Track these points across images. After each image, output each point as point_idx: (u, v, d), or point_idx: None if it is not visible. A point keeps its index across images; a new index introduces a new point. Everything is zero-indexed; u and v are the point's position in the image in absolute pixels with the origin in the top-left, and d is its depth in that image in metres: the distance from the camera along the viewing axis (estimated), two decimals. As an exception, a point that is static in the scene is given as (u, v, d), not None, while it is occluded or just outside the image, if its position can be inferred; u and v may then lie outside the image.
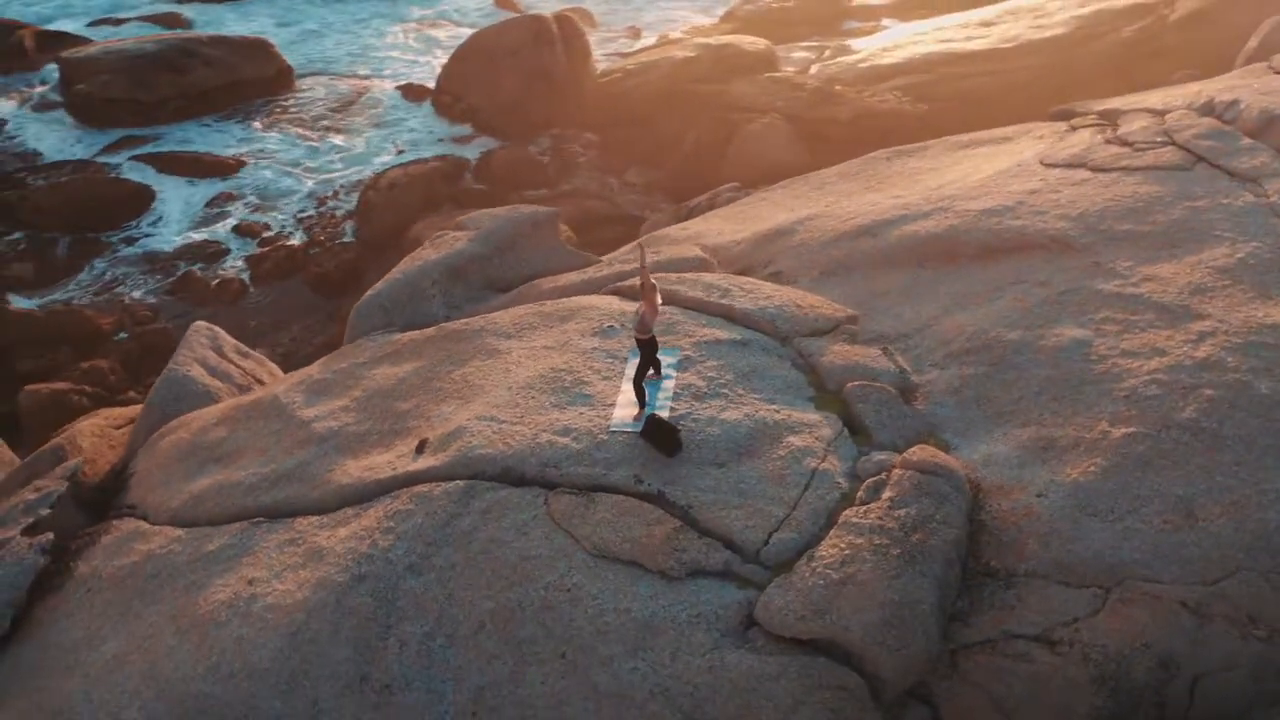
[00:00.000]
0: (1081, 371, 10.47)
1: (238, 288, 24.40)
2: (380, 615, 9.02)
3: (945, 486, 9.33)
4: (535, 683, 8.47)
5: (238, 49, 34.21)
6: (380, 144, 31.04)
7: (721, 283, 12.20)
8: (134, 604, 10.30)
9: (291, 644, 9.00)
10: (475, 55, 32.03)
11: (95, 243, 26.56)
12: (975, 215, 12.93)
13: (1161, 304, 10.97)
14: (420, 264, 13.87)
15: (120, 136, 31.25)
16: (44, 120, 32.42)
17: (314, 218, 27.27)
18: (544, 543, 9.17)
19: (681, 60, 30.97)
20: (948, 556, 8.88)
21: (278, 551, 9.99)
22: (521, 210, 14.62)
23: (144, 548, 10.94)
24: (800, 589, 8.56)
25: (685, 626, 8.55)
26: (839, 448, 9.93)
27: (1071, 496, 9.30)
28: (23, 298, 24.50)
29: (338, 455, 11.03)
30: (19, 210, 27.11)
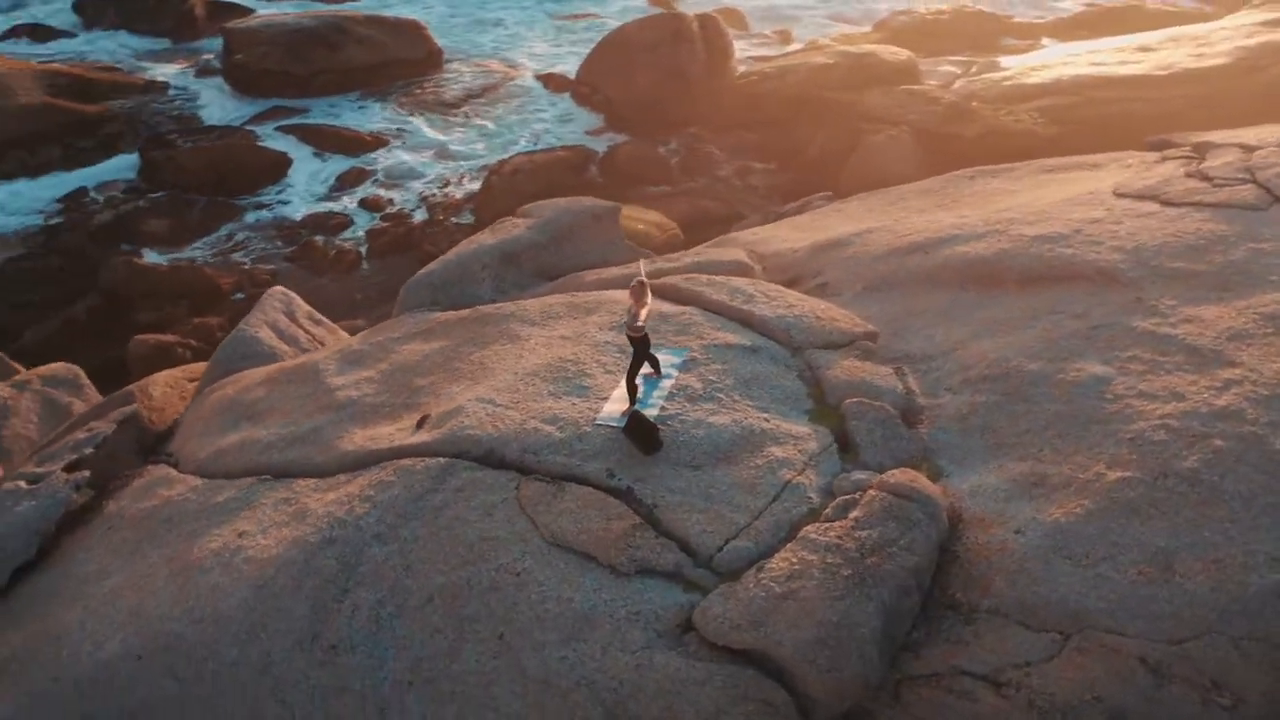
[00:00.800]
0: (1093, 409, 10.09)
1: (353, 259, 25.39)
2: (340, 578, 9.36)
3: (918, 513, 9.15)
4: (470, 660, 8.67)
5: (391, 29, 35.53)
6: (515, 131, 31.81)
7: (748, 288, 12.17)
8: (143, 545, 10.92)
9: (257, 596, 9.43)
10: (614, 49, 32.52)
11: (229, 206, 28.01)
12: (1028, 240, 12.56)
13: (1194, 347, 10.47)
14: (475, 247, 14.26)
15: (270, 106, 32.88)
16: (204, 86, 34.35)
17: (437, 198, 28.13)
18: (505, 526, 9.37)
19: (819, 66, 30.82)
20: (903, 584, 8.71)
21: (272, 509, 10.45)
22: (583, 202, 14.86)
23: (165, 493, 11.58)
24: (741, 599, 8.53)
25: (622, 622, 8.62)
26: (821, 463, 9.84)
27: (1049, 536, 9.00)
28: (155, 252, 26.02)
29: (350, 423, 11.46)
30: (164, 170, 28.79)
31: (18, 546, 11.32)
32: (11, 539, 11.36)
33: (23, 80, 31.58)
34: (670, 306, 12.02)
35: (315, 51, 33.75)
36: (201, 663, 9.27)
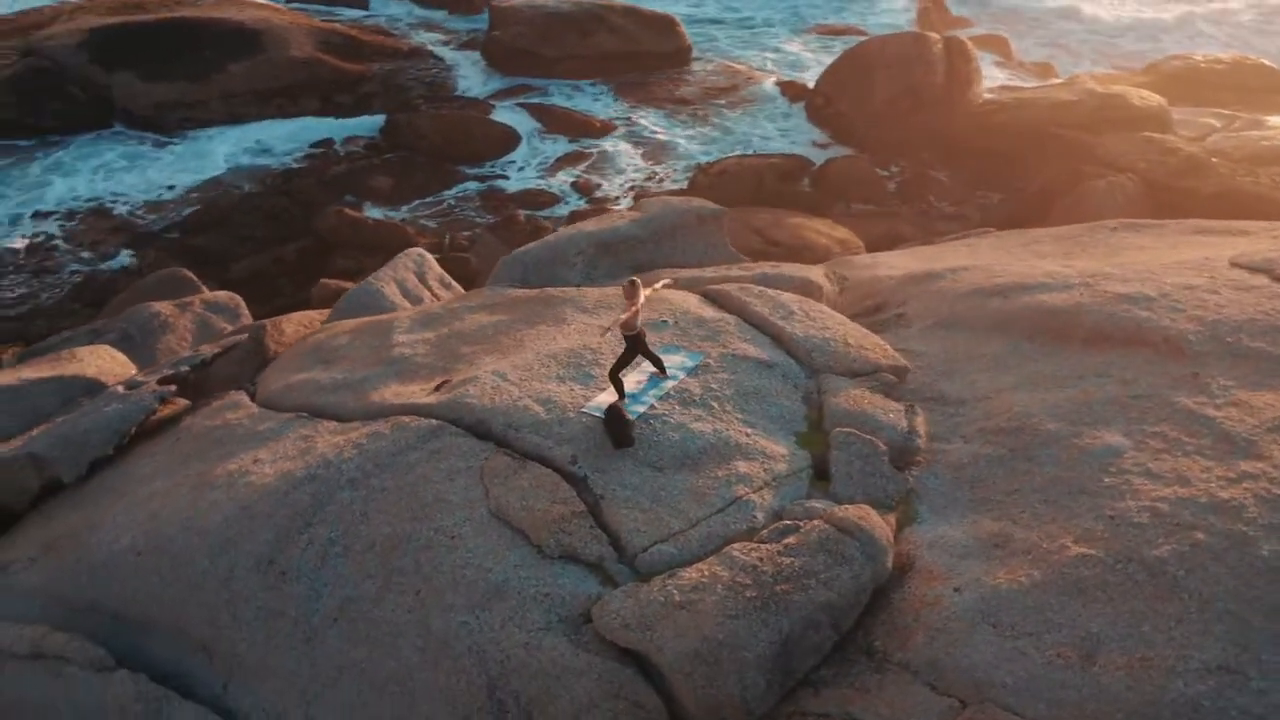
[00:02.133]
0: (1089, 480, 9.56)
1: (547, 236, 26.45)
2: (308, 513, 10.10)
3: (855, 551, 9.00)
4: (388, 608, 9.22)
5: (645, 21, 36.59)
6: (740, 133, 32.17)
7: (792, 305, 12.12)
8: (190, 459, 12.07)
9: (238, 517, 10.31)
10: (854, 63, 32.31)
11: (453, 172, 29.75)
12: (1110, 298, 11.88)
13: (1228, 433, 9.71)
14: (573, 233, 14.78)
15: (516, 84, 34.64)
16: (462, 58, 36.51)
17: (642, 188, 28.87)
18: (461, 492, 9.85)
19: (1060, 102, 29.56)
20: (811, 618, 8.61)
21: (290, 443, 11.34)
22: (691, 202, 15.08)
23: (229, 417, 12.72)
24: (640, 599, 8.68)
25: (529, 601, 8.93)
26: (783, 485, 9.79)
27: (984, 601, 8.66)
28: (374, 207, 28.03)
29: (391, 378, 12.22)
30: (403, 132, 30.90)
31: (98, 442, 12.68)
32: (95, 434, 12.73)
33: (299, 35, 34.60)
34: (712, 312, 12.13)
35: (567, 35, 35.23)
36: (181, 566, 10.22)
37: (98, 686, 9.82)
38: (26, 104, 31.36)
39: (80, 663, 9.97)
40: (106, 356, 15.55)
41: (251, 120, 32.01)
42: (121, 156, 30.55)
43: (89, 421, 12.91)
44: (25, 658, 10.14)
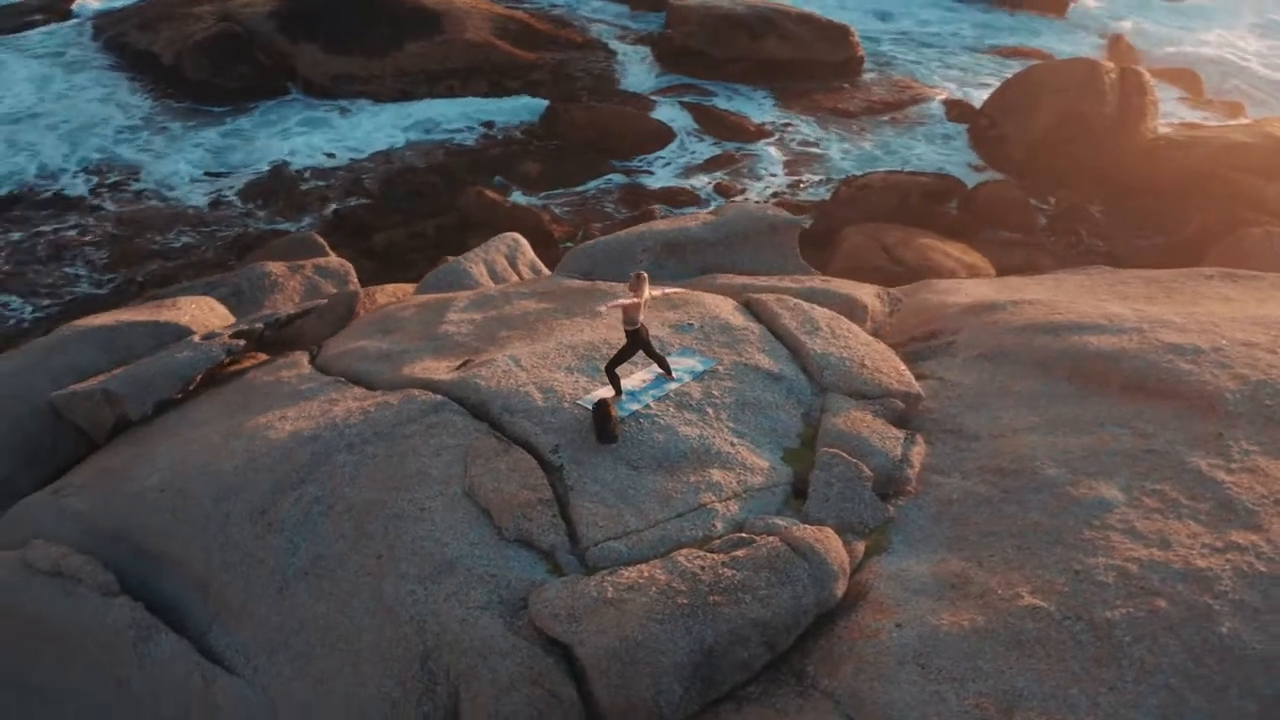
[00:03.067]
0: (1070, 531, 9.19)
1: (678, 236, 26.62)
2: (304, 470, 10.59)
3: (802, 573, 8.91)
4: (351, 569, 9.63)
5: (818, 29, 36.30)
6: (895, 149, 31.61)
7: (820, 321, 11.97)
8: (237, 410, 12.76)
9: (245, 466, 10.89)
10: (1022, 87, 31.28)
11: (601, 164, 30.25)
12: (1158, 348, 11.31)
13: (1230, 500, 9.17)
14: (643, 230, 14.95)
15: (680, 82, 34.91)
16: (633, 53, 37.00)
17: (785, 197, 28.73)
18: (443, 468, 10.17)
19: (1235, 144, 27.94)
20: (740, 633, 8.57)
21: (318, 404, 11.88)
22: (766, 210, 15.02)
23: (283, 374, 13.39)
24: (575, 592, 8.82)
25: (475, 579, 9.19)
26: (752, 499, 9.75)
27: (921, 640, 8.46)
28: (519, 191, 28.78)
29: (428, 354, 12.64)
30: (560, 121, 31.61)
31: (165, 385, 13.52)
32: (163, 378, 13.58)
33: (477, 19, 35.72)
34: (742, 320, 12.09)
35: (737, 38, 35.27)
36: (190, 507, 10.86)
37: (100, 609, 10.49)
38: (217, 66, 33.37)
39: (89, 585, 10.66)
40: (205, 308, 16.48)
41: (420, 98, 33.22)
42: (298, 124, 32.18)
43: (160, 365, 13.76)
44: (46, 574, 10.91)
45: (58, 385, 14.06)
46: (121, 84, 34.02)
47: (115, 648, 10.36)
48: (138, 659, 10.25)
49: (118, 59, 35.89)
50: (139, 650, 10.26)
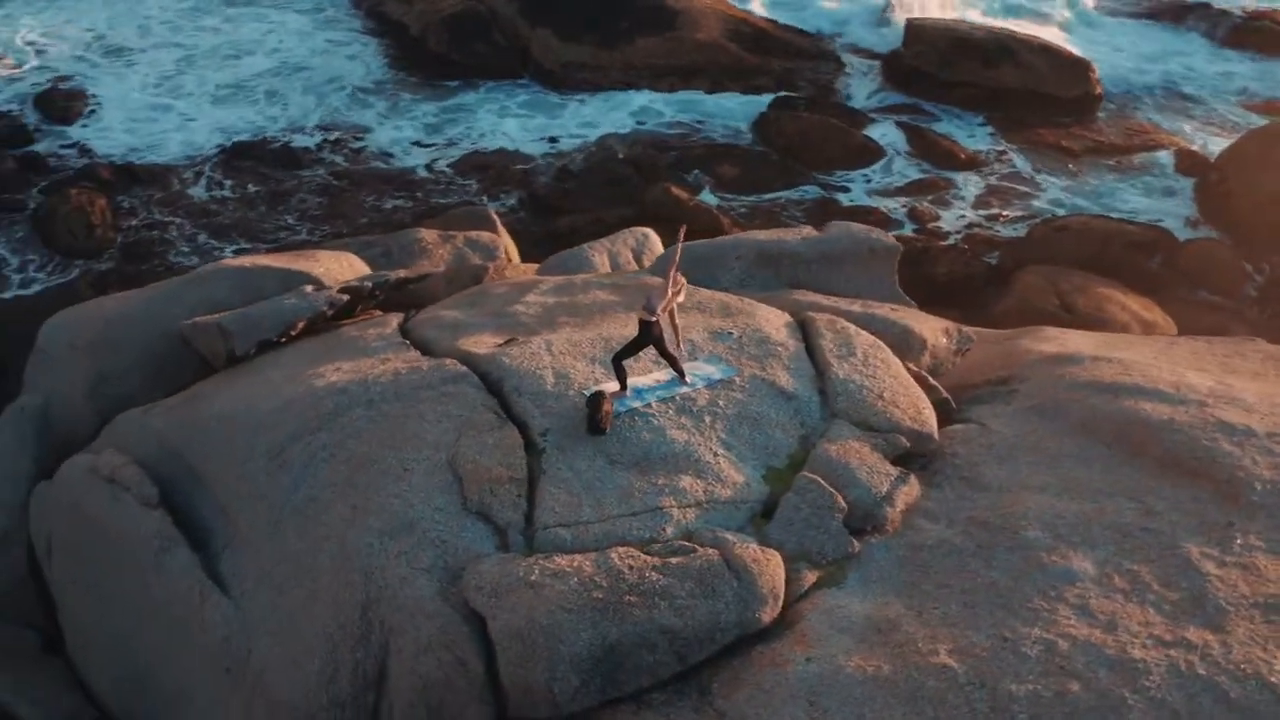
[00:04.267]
0: (1020, 597, 8.79)
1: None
2: (325, 418, 11.25)
3: (727, 591, 8.89)
4: (330, 515, 10.24)
5: (1057, 62, 34.74)
6: (1112, 194, 29.96)
7: (859, 347, 11.72)
8: (316, 358, 13.45)
9: (280, 407, 11.68)
10: (1260, 141, 29.04)
11: (799, 175, 30.11)
12: (1209, 424, 10.52)
13: (1205, 594, 8.51)
14: (739, 238, 14.95)
15: (902, 102, 34.22)
16: (866, 68, 36.54)
17: (979, 230, 27.82)
18: (438, 434, 10.61)
19: None
20: (647, 637, 8.64)
21: (371, 361, 12.48)
22: (869, 233, 14.68)
23: (368, 332, 14.05)
24: (505, 570, 9.10)
25: (427, 542, 9.60)
26: (714, 511, 9.74)
27: (821, 680, 8.33)
28: (709, 191, 29.07)
29: (489, 330, 13.03)
30: (769, 126, 31.69)
31: (268, 327, 14.50)
32: (268, 321, 14.55)
33: (711, 19, 36.09)
34: (783, 336, 11.96)
35: (968, 62, 34.19)
36: (231, 437, 11.78)
37: (138, 518, 11.52)
38: (457, 42, 35.08)
39: (134, 494, 11.70)
40: (344, 263, 17.47)
41: (642, 90, 33.89)
42: (519, 105, 33.44)
43: (268, 309, 14.76)
44: (104, 480, 11.97)
45: (190, 316, 15.20)
46: (369, 50, 36.21)
47: (143, 555, 11.35)
48: (156, 567, 11.19)
49: (375, 25, 38.14)
50: (158, 560, 11.19)
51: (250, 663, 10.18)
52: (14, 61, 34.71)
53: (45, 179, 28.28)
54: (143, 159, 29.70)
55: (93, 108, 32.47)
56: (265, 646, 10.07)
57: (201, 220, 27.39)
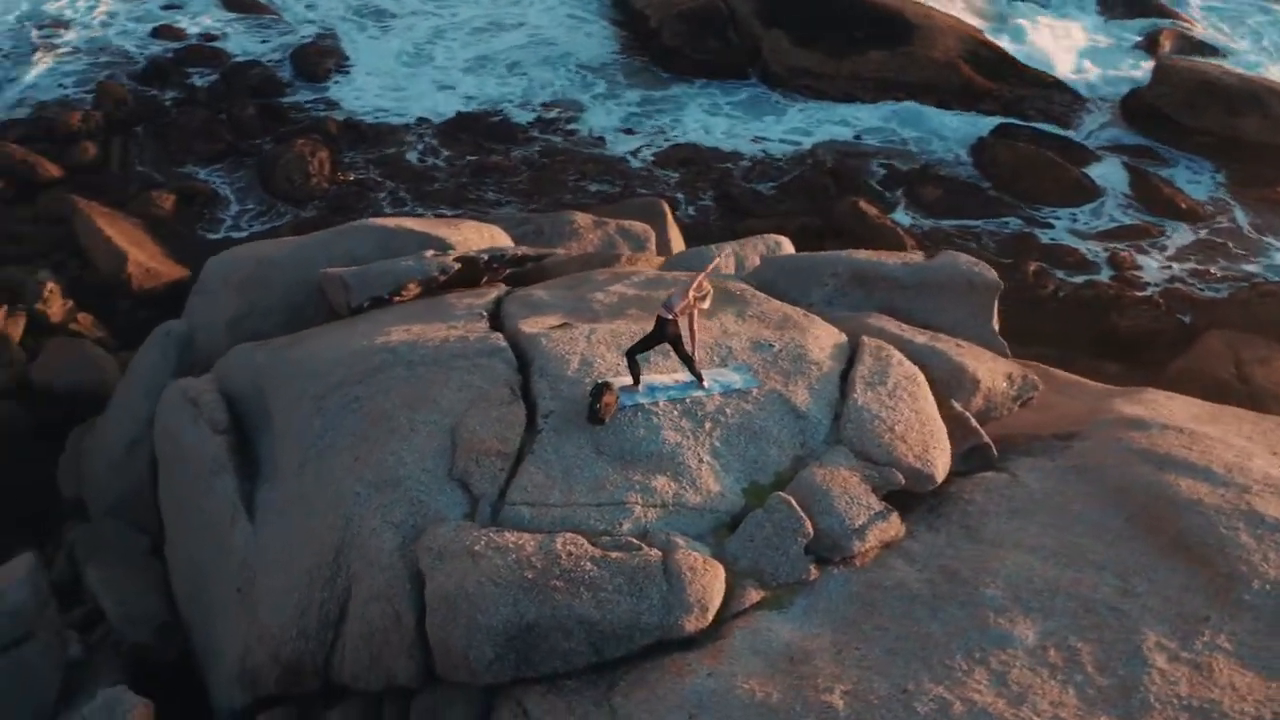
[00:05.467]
0: (943, 653, 8.55)
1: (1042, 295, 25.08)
2: (366, 374, 11.91)
3: (655, 594, 8.98)
4: (339, 461, 10.95)
5: (1306, 113, 31.93)
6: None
7: (894, 378, 11.37)
8: (406, 317, 14.09)
9: (338, 359, 12.41)
10: None
11: (1003, 205, 28.97)
12: (1237, 512, 9.73)
13: (1138, 687, 8.05)
14: (837, 255, 14.70)
15: (1133, 142, 32.27)
16: (1103, 106, 34.66)
17: (1178, 285, 26.03)
18: (452, 402, 11.10)
19: None
20: (563, 624, 8.88)
21: (439, 327, 13.02)
22: (973, 265, 14.07)
23: (464, 300, 14.58)
24: (457, 537, 9.53)
25: (405, 500, 10.13)
26: (679, 516, 9.85)
27: (711, 694, 8.43)
28: (905, 210, 28.49)
29: (560, 311, 13.32)
30: (985, 153, 30.68)
31: (379, 285, 15.34)
32: (383, 279, 15.38)
33: (951, 39, 35.01)
34: (824, 356, 11.73)
35: (1212, 108, 31.78)
36: (296, 379, 12.61)
37: (204, 440, 12.47)
38: (690, 36, 35.48)
39: (205, 418, 12.70)
40: (485, 234, 18.22)
41: (863, 103, 33.40)
42: (739, 106, 33.50)
43: (385, 269, 15.62)
44: (186, 402, 13.01)
45: (330, 266, 16.21)
46: (607, 36, 37.02)
47: (200, 475, 12.30)
48: (207, 489, 12.18)
49: (619, 15, 38.94)
50: (209, 481, 12.17)
51: (254, 586, 10.91)
52: (287, 18, 37.22)
53: (281, 129, 30.30)
54: (374, 119, 31.41)
55: (344, 67, 34.50)
56: (265, 574, 10.79)
57: (410, 183, 28.81)
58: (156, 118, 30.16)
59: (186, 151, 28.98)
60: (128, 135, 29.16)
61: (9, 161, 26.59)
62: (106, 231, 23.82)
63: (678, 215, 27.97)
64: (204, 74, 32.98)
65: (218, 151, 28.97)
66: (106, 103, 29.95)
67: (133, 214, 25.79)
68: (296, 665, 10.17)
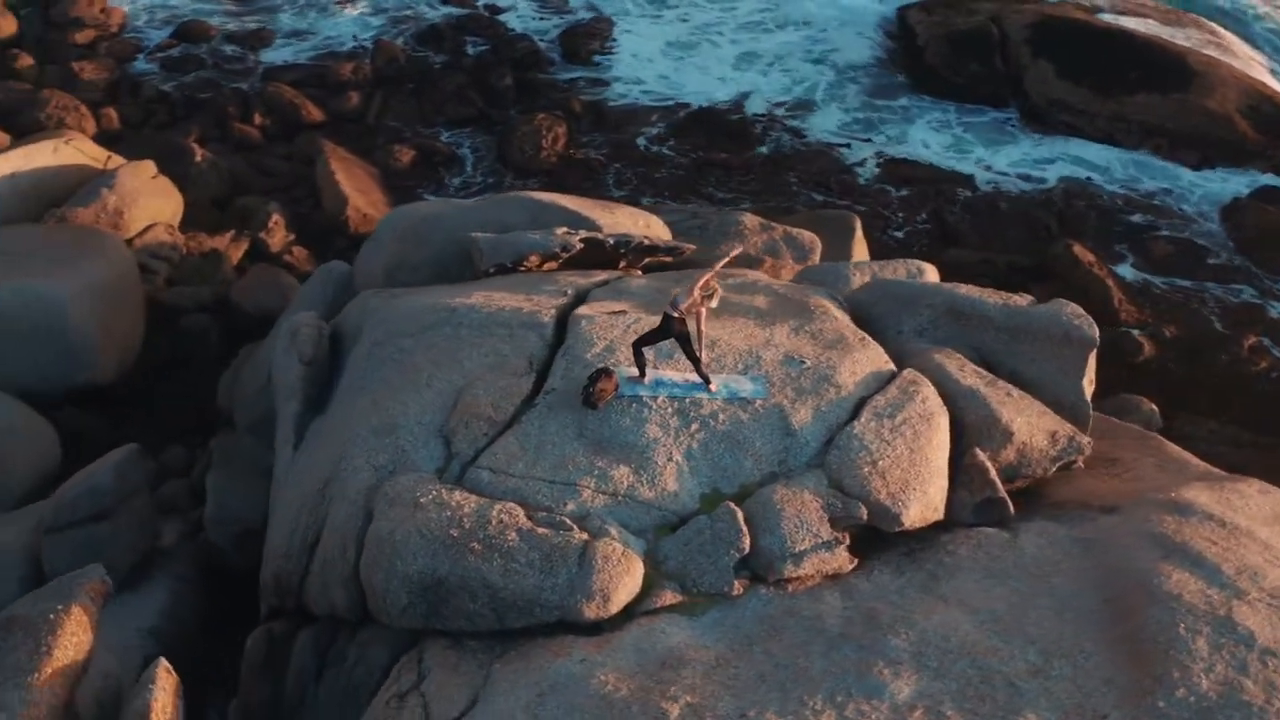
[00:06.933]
0: (807, 691, 8.39)
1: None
2: (420, 329, 12.59)
3: (563, 573, 9.29)
4: (361, 400, 11.77)
5: None
6: None
7: (909, 414, 10.92)
8: (502, 286, 14.64)
9: (408, 313, 13.13)
10: None
11: (1242, 271, 26.75)
12: (1211, 616, 8.86)
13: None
14: (939, 286, 14.21)
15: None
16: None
17: None
18: (474, 365, 11.70)
19: None
20: (469, 585, 9.30)
21: (513, 298, 13.47)
22: (1074, 317, 13.15)
23: (566, 277, 15.06)
24: (411, 488, 10.11)
25: (391, 448, 10.89)
26: (626, 508, 10.01)
27: (566, 679, 8.59)
28: (1128, 265, 26.75)
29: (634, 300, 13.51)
30: (1237, 217, 28.35)
31: (505, 254, 15.98)
32: (509, 249, 15.94)
33: (1232, 89, 31.74)
34: (851, 380, 11.41)
35: None
36: (374, 325, 13.37)
37: (289, 368, 13.56)
38: (953, 58, 34.40)
39: (297, 349, 13.63)
40: (640, 222, 18.61)
41: (1121, 146, 31.44)
42: (982, 131, 32.20)
43: (513, 240, 16.31)
44: (288, 333, 14.02)
45: (481, 229, 17.08)
46: (874, 45, 36.38)
47: (281, 400, 13.31)
48: (279, 413, 13.12)
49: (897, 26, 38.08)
50: (283, 406, 13.18)
51: (275, 505, 11.79)
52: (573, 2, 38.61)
53: (531, 102, 31.62)
54: (618, 103, 32.28)
55: (610, 50, 35.53)
56: (283, 496, 11.66)
57: (636, 168, 29.52)
58: (421, 77, 32.15)
59: (437, 112, 30.80)
60: (390, 91, 31.20)
61: (279, 101, 29.15)
62: (338, 175, 25.75)
63: (886, 234, 27.56)
64: (477, 43, 34.75)
65: (467, 116, 30.61)
66: (380, 58, 32.14)
67: (372, 164, 27.75)
68: (282, 583, 10.98)
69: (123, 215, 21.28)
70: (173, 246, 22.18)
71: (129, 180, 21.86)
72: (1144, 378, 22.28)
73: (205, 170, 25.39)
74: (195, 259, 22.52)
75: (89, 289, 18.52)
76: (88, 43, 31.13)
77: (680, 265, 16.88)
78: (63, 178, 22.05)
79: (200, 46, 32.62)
